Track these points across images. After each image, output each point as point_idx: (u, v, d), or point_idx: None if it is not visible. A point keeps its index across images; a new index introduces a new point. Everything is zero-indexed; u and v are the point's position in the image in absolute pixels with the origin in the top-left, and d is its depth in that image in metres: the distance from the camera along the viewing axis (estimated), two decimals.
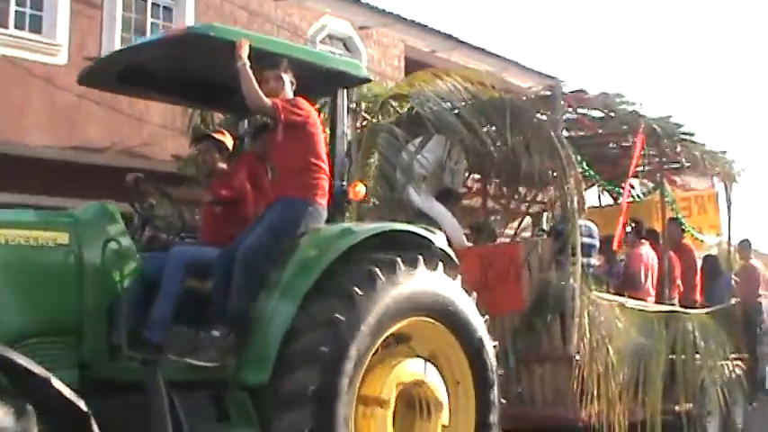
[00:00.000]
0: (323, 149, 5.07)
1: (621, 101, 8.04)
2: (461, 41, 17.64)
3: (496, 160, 7.96)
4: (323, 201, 5.03)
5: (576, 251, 7.14)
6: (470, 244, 8.10)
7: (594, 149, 9.16)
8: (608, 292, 8.00)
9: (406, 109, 8.61)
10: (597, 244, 7.94)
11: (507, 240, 9.67)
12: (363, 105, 9.14)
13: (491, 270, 7.46)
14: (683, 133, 8.88)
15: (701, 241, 10.96)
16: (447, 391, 5.15)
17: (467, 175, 9.64)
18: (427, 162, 8.32)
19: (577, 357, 7.03)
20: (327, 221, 5.14)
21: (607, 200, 11.50)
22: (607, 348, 7.08)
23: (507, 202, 9.99)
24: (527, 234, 10.74)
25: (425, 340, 5.19)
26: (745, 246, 11.11)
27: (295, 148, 4.95)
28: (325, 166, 5.06)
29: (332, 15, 15.88)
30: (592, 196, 11.23)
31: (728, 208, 10.86)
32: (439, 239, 5.40)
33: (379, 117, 8.76)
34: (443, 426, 5.06)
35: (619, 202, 11.27)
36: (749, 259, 11.18)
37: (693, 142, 9.11)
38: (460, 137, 7.96)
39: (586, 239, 7.61)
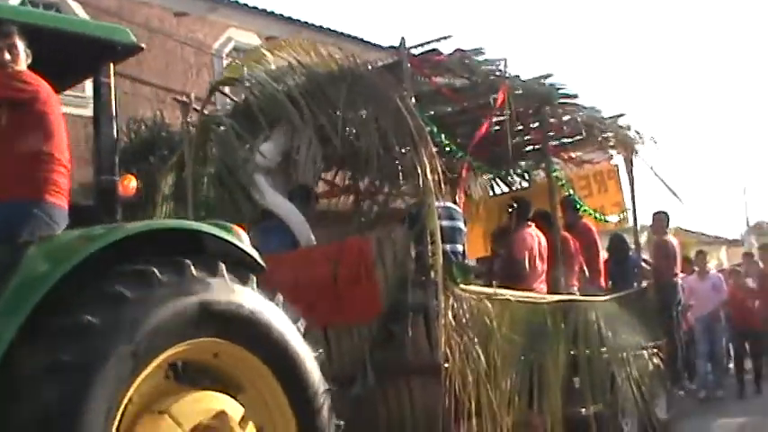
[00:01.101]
0: (60, 135, 3.94)
1: (485, 60, 6.83)
2: (374, 44, 16.65)
3: (340, 146, 6.67)
4: (59, 200, 3.91)
5: (435, 238, 5.91)
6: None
7: (469, 128, 7.95)
8: (489, 285, 6.83)
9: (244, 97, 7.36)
10: (463, 227, 6.73)
11: None
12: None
13: (340, 271, 6.19)
14: (564, 95, 7.73)
15: (605, 221, 9.87)
16: (259, 426, 4.04)
17: (336, 169, 8.45)
18: (272, 154, 7.04)
19: (447, 365, 5.78)
20: (91, 223, 4.00)
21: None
22: (478, 352, 5.81)
23: (384, 200, 8.63)
24: None
25: (223, 367, 4.03)
26: (660, 219, 10.01)
27: (15, 134, 3.83)
28: (63, 157, 3.94)
29: (237, 28, 15.41)
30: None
31: (631, 183, 9.81)
32: (237, 239, 4.22)
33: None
34: None
35: (514, 188, 10.26)
36: (664, 235, 10.09)
37: (575, 105, 7.97)
38: (297, 122, 6.71)
39: (446, 222, 6.39)
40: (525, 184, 10.11)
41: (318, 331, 6.18)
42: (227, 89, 7.67)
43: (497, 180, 10.21)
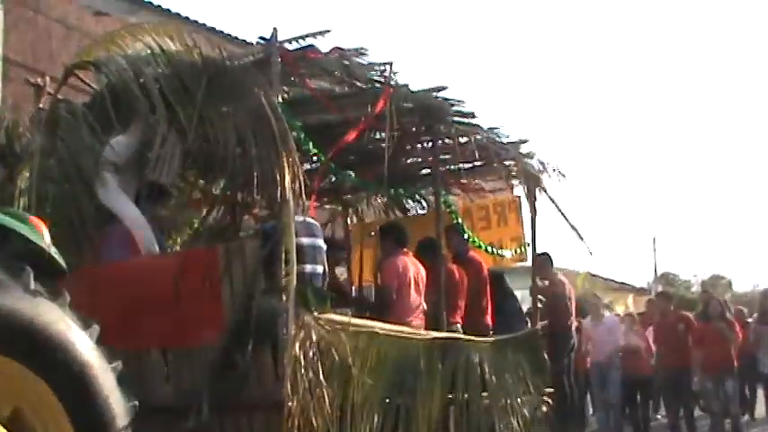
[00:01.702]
0: None
1: (368, 63, 6.10)
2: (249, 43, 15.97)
3: (193, 145, 5.85)
4: None
5: (290, 257, 5.12)
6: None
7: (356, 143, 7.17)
8: (357, 316, 6.08)
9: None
10: (323, 246, 5.95)
11: None
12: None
13: (182, 286, 5.36)
14: (459, 113, 7.06)
15: (499, 256, 9.24)
16: None
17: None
18: (123, 149, 6.15)
19: (291, 404, 4.96)
20: None
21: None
22: (323, 392, 5.01)
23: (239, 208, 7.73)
24: None
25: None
26: (543, 261, 9.39)
27: None
28: None
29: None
30: None
31: (532, 217, 9.21)
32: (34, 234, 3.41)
33: None
34: None
35: (410, 213, 9.58)
36: (548, 276, 9.50)
37: (472, 125, 7.32)
38: (150, 114, 5.88)
39: (307, 240, 5.64)
40: (422, 210, 9.47)
41: (157, 352, 5.45)
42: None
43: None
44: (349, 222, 10.18)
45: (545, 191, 8.75)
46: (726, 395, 9.86)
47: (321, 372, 5.01)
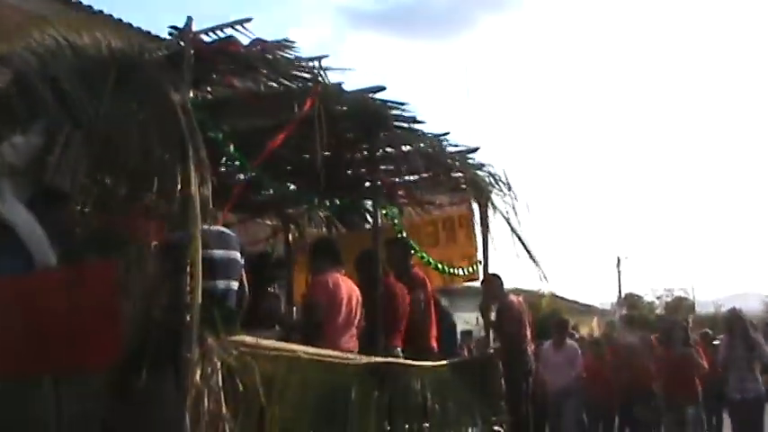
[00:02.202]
0: None
1: (295, 58, 5.53)
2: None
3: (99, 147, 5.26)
4: None
5: (195, 271, 4.53)
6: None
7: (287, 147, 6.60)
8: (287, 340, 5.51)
9: None
10: (239, 260, 5.35)
11: None
12: None
13: (76, 302, 4.75)
14: (398, 118, 6.52)
15: (450, 274, 8.70)
16: None
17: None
18: (23, 150, 5.53)
19: None
20: None
21: None
22: (225, 427, 4.39)
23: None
24: None
25: None
26: (492, 283, 8.84)
27: None
28: None
29: None
30: None
31: (484, 234, 8.69)
32: None
33: None
34: None
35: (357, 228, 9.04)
36: (505, 297, 8.98)
37: (416, 132, 6.79)
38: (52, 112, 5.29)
39: (220, 252, 5.05)
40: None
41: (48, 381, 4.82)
42: None
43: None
44: (290, 238, 9.64)
45: (494, 207, 8.26)
46: (687, 425, 9.39)
47: (224, 402, 4.38)
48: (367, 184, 8.11)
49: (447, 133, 7.15)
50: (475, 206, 8.70)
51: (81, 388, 4.76)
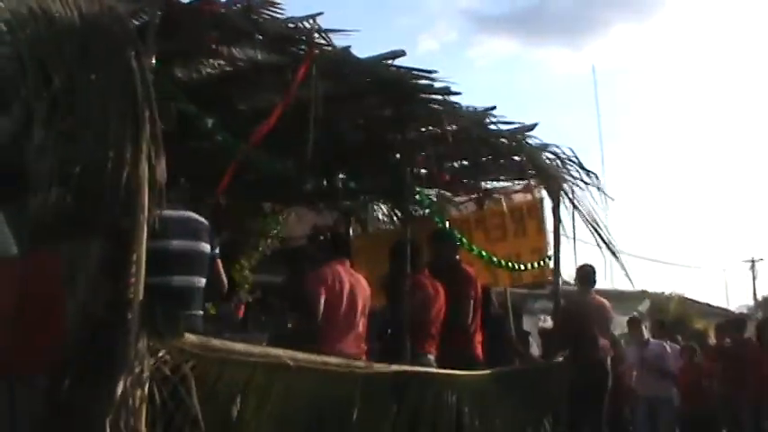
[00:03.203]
0: None
1: (286, 18, 4.81)
2: None
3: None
4: None
5: (139, 265, 3.91)
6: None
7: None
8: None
9: None
10: (206, 251, 4.65)
11: None
12: None
13: (24, 296, 4.26)
14: (427, 90, 5.66)
15: (517, 270, 7.77)
16: None
17: None
18: None
19: None
20: None
21: None
22: None
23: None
24: None
25: None
26: (586, 274, 7.84)
27: None
28: None
29: None
30: None
31: (556, 226, 7.73)
32: None
33: None
34: None
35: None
36: (588, 295, 7.95)
37: (451, 104, 5.92)
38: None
39: (179, 243, 4.41)
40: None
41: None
42: None
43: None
44: (351, 232, 8.98)
45: (565, 194, 7.28)
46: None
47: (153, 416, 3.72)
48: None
49: (493, 108, 6.24)
50: (545, 194, 7.76)
51: (31, 387, 4.29)
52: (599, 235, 7.36)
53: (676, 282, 66.70)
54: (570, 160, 7.22)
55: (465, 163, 7.35)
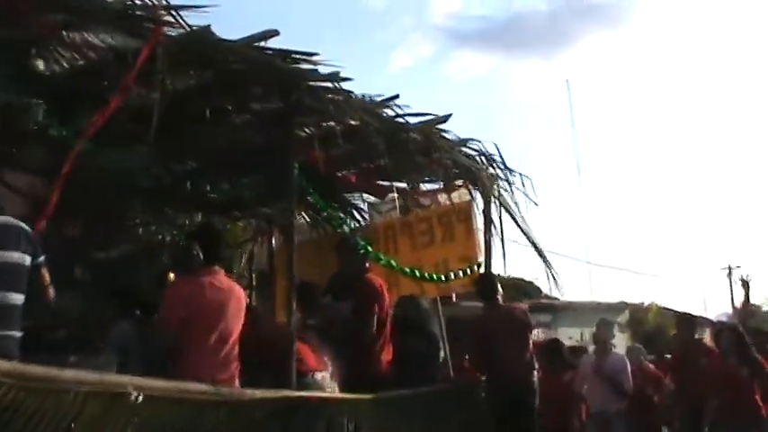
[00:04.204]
0: None
1: None
2: None
3: None
4: None
5: None
6: None
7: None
8: None
9: None
10: (23, 263, 3.99)
11: None
12: None
13: None
14: (313, 77, 5.06)
15: (437, 281, 7.14)
16: None
17: None
18: None
19: None
20: None
21: None
22: None
23: None
24: None
25: None
26: (484, 285, 7.13)
27: None
28: None
29: None
30: None
31: (487, 229, 7.17)
32: None
33: None
34: None
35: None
36: (494, 308, 7.08)
37: (342, 92, 5.31)
38: None
39: None
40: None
41: None
42: None
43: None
44: (274, 242, 8.39)
45: (490, 194, 6.72)
46: None
47: None
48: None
49: (395, 96, 5.66)
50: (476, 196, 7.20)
51: None
52: (529, 241, 6.84)
53: (654, 292, 66.65)
54: (493, 158, 6.67)
55: (382, 163, 6.74)
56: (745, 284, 26.95)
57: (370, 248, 6.18)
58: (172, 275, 5.28)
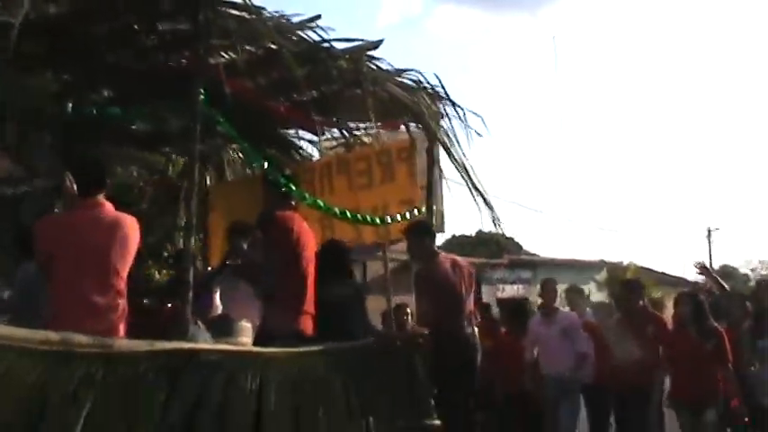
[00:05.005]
0: None
1: None
2: None
3: None
4: None
5: None
6: None
7: None
8: None
9: None
10: None
11: None
12: None
13: None
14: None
15: (375, 223, 6.62)
16: None
17: None
18: None
19: None
20: None
21: None
22: None
23: None
24: None
25: None
26: (413, 233, 6.54)
27: None
28: None
29: None
30: None
31: (429, 170, 6.62)
32: None
33: None
34: None
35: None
36: (432, 257, 6.52)
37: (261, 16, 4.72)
38: None
39: None
40: None
41: None
42: None
43: None
44: (208, 180, 7.90)
45: (430, 130, 6.16)
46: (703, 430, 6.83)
47: None
48: None
49: (317, 17, 5.04)
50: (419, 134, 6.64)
51: None
52: (471, 186, 6.30)
53: (634, 251, 66.70)
54: (435, 91, 6.09)
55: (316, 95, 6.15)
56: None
57: (293, 186, 5.59)
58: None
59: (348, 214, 6.32)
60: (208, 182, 7.99)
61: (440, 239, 22.84)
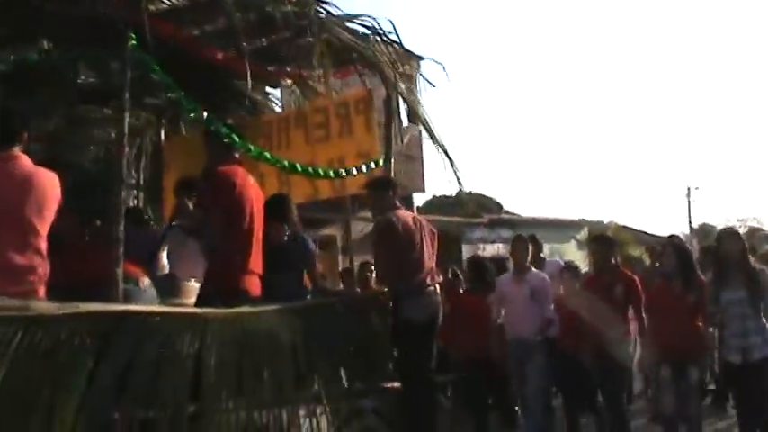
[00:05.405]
0: None
1: None
2: None
3: None
4: None
5: None
6: None
7: None
8: None
9: None
10: None
11: None
12: None
13: None
14: None
15: (325, 177, 6.38)
16: None
17: None
18: None
19: None
20: None
21: None
22: None
23: None
24: None
25: None
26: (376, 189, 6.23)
27: None
28: None
29: None
30: None
31: (387, 121, 6.36)
32: None
33: None
34: None
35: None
36: (390, 210, 6.18)
37: None
38: None
39: None
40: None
41: None
42: None
43: None
44: (162, 137, 7.64)
45: (385, 80, 5.89)
46: (687, 388, 6.63)
47: None
48: None
49: None
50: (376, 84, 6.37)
51: None
52: (437, 144, 6.05)
53: (614, 210, 66.81)
54: (390, 39, 5.81)
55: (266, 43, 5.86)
56: None
57: (236, 137, 5.31)
58: None
59: (298, 167, 6.05)
60: (162, 138, 7.71)
61: (420, 200, 22.56)
